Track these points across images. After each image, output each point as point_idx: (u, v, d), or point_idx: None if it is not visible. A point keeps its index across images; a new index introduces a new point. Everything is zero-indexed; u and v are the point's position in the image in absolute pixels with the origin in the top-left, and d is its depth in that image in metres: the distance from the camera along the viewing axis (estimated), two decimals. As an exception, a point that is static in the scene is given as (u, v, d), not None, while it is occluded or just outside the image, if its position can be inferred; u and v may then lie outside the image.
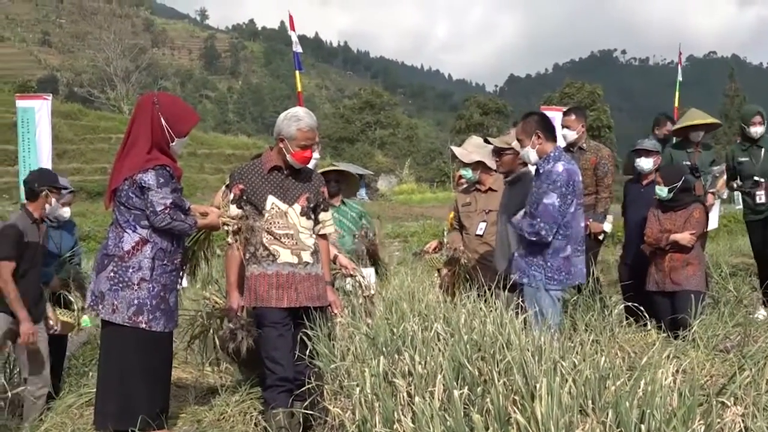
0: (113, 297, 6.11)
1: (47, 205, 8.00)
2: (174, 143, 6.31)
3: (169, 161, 6.23)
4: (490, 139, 8.36)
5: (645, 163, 9.75)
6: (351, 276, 7.55)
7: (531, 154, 7.11)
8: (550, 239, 6.93)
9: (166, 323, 6.23)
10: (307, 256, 6.47)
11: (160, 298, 6.19)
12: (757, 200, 10.15)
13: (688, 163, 10.58)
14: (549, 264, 7.00)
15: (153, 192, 6.04)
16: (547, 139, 7.12)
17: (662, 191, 8.99)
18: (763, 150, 10.04)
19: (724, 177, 10.74)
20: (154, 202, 6.03)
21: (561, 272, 7.02)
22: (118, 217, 6.18)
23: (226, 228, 6.43)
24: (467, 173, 8.54)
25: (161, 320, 6.19)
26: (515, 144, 7.71)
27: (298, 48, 17.78)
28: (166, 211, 6.03)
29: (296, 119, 6.48)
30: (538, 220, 6.88)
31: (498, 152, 8.08)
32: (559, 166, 6.98)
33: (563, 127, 10.37)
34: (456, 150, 8.61)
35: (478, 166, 8.48)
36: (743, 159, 10.24)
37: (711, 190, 10.67)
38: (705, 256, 9.18)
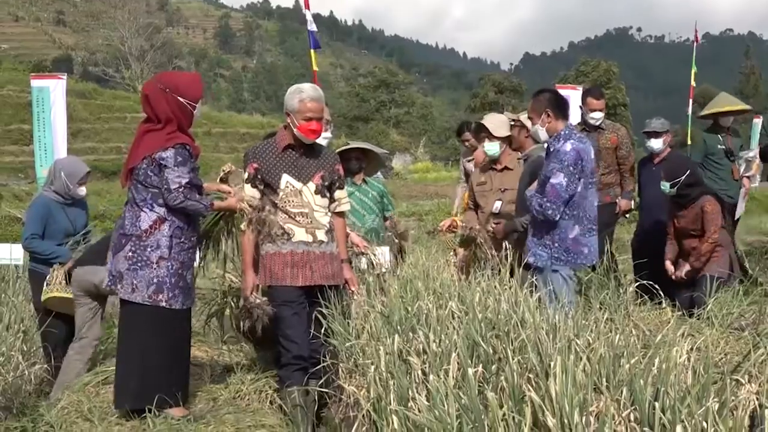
0: (132, 276, 6.14)
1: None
2: (196, 111, 6.35)
3: (189, 140, 6.25)
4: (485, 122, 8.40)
5: (655, 144, 9.75)
6: (363, 254, 7.54)
7: (541, 132, 7.08)
8: (557, 218, 6.92)
9: (184, 300, 6.27)
10: (321, 235, 6.47)
11: (179, 275, 6.22)
12: None
13: (723, 147, 10.51)
14: (556, 244, 7.01)
15: (170, 170, 6.06)
16: (557, 117, 7.07)
17: (665, 186, 8.95)
18: None
19: (758, 161, 10.65)
20: (170, 179, 6.04)
21: (569, 252, 7.00)
22: (135, 195, 6.19)
23: (243, 214, 6.41)
24: (492, 149, 8.46)
25: (180, 297, 6.22)
26: (524, 119, 7.71)
27: (312, 26, 17.76)
28: (180, 190, 6.03)
29: (299, 91, 6.49)
30: (545, 199, 6.88)
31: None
32: (568, 145, 6.95)
33: (594, 110, 10.37)
34: (488, 124, 8.50)
35: (504, 142, 8.44)
36: None
37: (746, 174, 10.59)
38: (729, 241, 9.07)
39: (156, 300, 6.15)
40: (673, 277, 9.02)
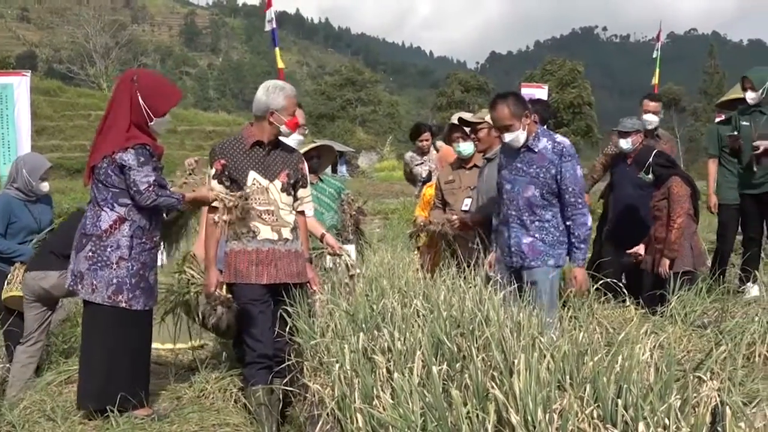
0: (92, 276, 6.13)
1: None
2: (152, 123, 6.29)
3: (149, 140, 6.21)
4: (463, 115, 8.34)
5: (625, 144, 9.77)
6: (338, 255, 7.51)
7: (520, 136, 6.93)
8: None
9: (146, 301, 6.26)
10: (286, 233, 6.47)
11: (140, 276, 6.20)
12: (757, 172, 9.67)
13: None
14: (563, 245, 7.00)
15: (134, 171, 6.03)
16: (531, 116, 7.08)
17: (642, 175, 9.02)
18: (765, 117, 9.68)
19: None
20: (137, 181, 6.02)
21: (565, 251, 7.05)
22: (96, 195, 6.17)
23: (220, 204, 6.32)
24: (466, 149, 8.45)
25: (141, 298, 6.21)
26: (489, 118, 7.68)
27: (272, 26, 17.81)
28: (151, 189, 6.02)
29: (280, 89, 6.51)
30: (581, 201, 6.89)
31: (473, 129, 8.07)
32: (559, 139, 7.03)
33: (647, 112, 10.41)
34: (465, 116, 8.42)
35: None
36: (744, 123, 9.93)
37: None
38: (694, 233, 9.05)
39: (116, 301, 6.14)
40: (640, 260, 9.07)
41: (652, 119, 10.38)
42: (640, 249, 9.15)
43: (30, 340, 7.79)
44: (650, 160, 8.92)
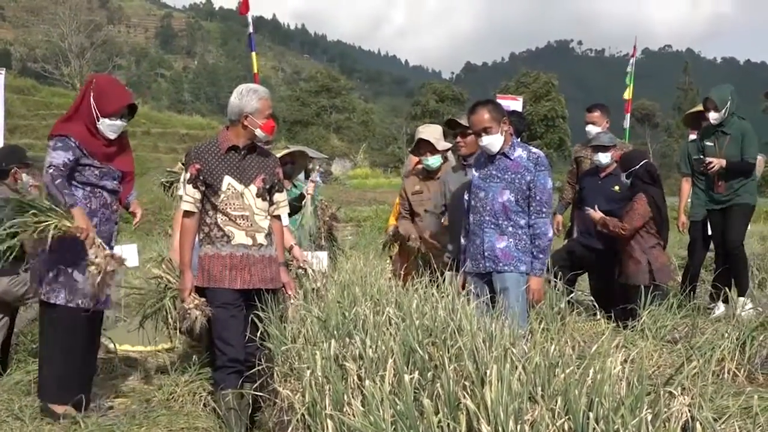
0: (30, 269, 6.43)
1: (19, 181, 7.98)
2: (99, 122, 6.34)
3: (78, 131, 6.26)
4: (457, 119, 8.34)
5: (603, 158, 9.76)
6: (302, 269, 7.45)
7: (498, 141, 7.01)
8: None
9: (68, 297, 6.25)
10: (261, 238, 6.44)
11: (58, 270, 6.22)
12: (716, 189, 9.76)
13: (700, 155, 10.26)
14: (531, 251, 7.04)
15: (48, 154, 6.14)
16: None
17: (622, 178, 9.11)
18: (728, 137, 9.73)
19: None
20: (45, 162, 6.13)
21: (546, 254, 7.11)
22: None
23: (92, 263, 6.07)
24: (435, 162, 8.46)
25: (60, 293, 6.23)
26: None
27: (250, 29, 17.85)
28: (49, 170, 6.05)
29: (254, 91, 6.48)
30: (545, 210, 6.98)
31: (463, 133, 8.07)
32: (534, 150, 7.14)
33: (587, 123, 10.47)
34: (431, 139, 8.46)
35: (444, 153, 8.49)
36: (708, 143, 9.95)
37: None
38: (652, 248, 9.08)
39: (38, 292, 6.28)
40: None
41: (591, 130, 10.42)
42: (595, 213, 9.23)
43: None
44: (637, 167, 8.99)
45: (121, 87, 6.81)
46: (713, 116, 9.59)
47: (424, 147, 8.50)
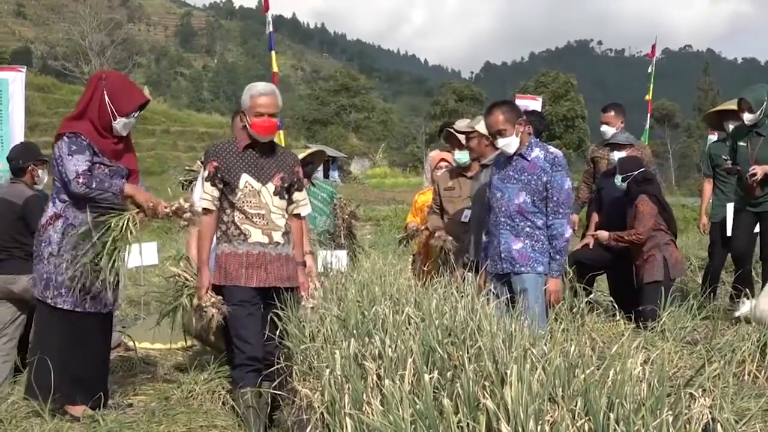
0: (35, 270, 6.30)
1: (36, 177, 7.98)
2: (116, 122, 6.31)
3: (87, 129, 6.23)
4: (456, 125, 8.34)
5: (618, 156, 9.73)
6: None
7: (513, 142, 7.01)
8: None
9: (75, 302, 6.22)
10: (278, 237, 6.43)
11: (67, 274, 6.16)
12: (750, 192, 9.54)
13: (728, 159, 10.11)
14: (548, 251, 7.04)
15: (65, 159, 6.05)
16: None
17: (617, 180, 9.09)
18: (762, 138, 9.57)
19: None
20: (68, 170, 6.04)
21: (563, 255, 7.12)
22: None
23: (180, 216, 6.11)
24: (463, 157, 8.42)
25: (69, 298, 6.19)
26: (480, 127, 7.68)
27: (270, 28, 17.88)
28: (80, 180, 5.99)
29: (249, 88, 6.49)
30: (562, 210, 6.95)
31: (466, 138, 8.06)
32: (552, 149, 7.11)
33: (602, 123, 10.45)
34: (459, 128, 8.40)
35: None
36: (741, 144, 9.81)
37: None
38: (666, 244, 9.03)
39: (44, 296, 6.22)
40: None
41: (606, 130, 10.40)
42: (602, 234, 9.21)
43: (3, 337, 7.73)
44: (635, 173, 8.98)
45: (133, 84, 6.80)
46: (748, 117, 9.42)
47: (453, 140, 8.48)
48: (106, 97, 6.25)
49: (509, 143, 7.01)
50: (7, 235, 7.62)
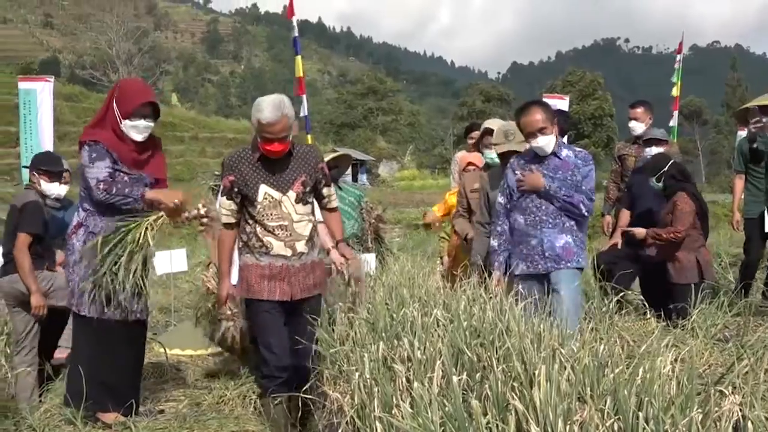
0: (67, 278, 6.40)
1: (38, 186, 7.98)
2: (122, 125, 6.29)
3: (105, 136, 6.24)
4: (492, 130, 8.31)
5: (656, 152, 9.65)
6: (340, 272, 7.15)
7: (552, 141, 6.93)
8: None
9: (98, 309, 6.20)
10: (301, 246, 6.21)
11: (88, 281, 6.16)
12: None
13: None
14: (584, 245, 7.06)
15: (87, 168, 6.12)
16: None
17: (652, 182, 9.01)
18: None
19: None
20: (89, 178, 6.10)
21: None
22: None
23: (199, 217, 6.13)
24: (494, 157, 8.38)
25: (92, 305, 6.19)
26: (516, 146, 7.60)
27: (295, 33, 17.94)
28: (101, 186, 6.02)
29: (257, 110, 6.07)
30: (585, 198, 6.91)
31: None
32: (578, 148, 7.16)
33: (630, 119, 10.41)
34: (494, 127, 8.36)
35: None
36: None
37: None
38: (699, 246, 8.96)
39: (72, 303, 6.32)
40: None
41: (635, 126, 10.35)
42: (639, 231, 9.13)
43: (23, 350, 7.67)
44: (665, 169, 8.89)
45: (141, 86, 6.74)
46: None
47: (484, 140, 8.44)
48: (114, 103, 6.29)
49: (549, 142, 6.91)
50: (14, 237, 7.64)
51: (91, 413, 6.23)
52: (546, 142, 6.90)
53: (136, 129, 6.34)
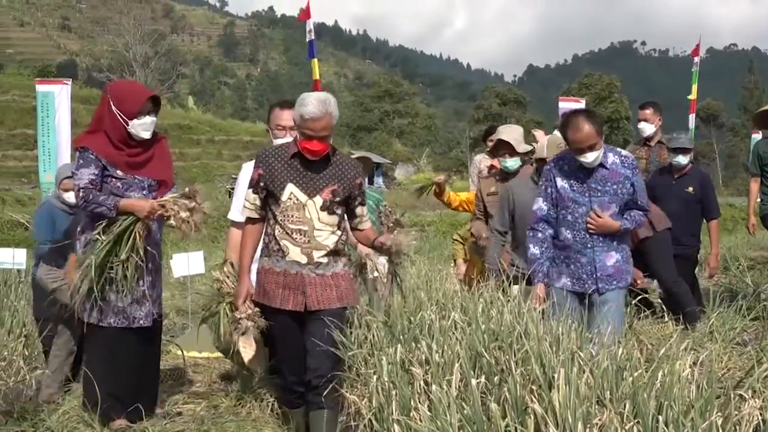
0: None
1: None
2: (131, 126, 6.25)
3: (97, 143, 6.23)
4: (504, 135, 8.31)
5: (683, 160, 9.62)
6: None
7: (600, 154, 6.50)
8: None
9: (100, 316, 6.19)
10: (319, 256, 5.79)
11: (89, 289, 6.11)
12: None
13: None
14: (630, 259, 6.81)
15: (75, 174, 6.16)
16: None
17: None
18: None
19: None
20: (74, 184, 6.15)
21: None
22: None
23: (168, 212, 6.13)
24: (514, 164, 8.36)
25: (93, 312, 6.18)
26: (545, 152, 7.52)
27: (311, 36, 17.96)
28: (80, 194, 6.02)
29: (301, 104, 5.68)
30: (643, 214, 6.80)
31: (510, 152, 8.05)
32: (622, 152, 6.72)
33: (640, 120, 10.40)
34: (510, 140, 8.33)
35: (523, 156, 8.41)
36: None
37: None
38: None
39: (74, 308, 6.26)
40: None
41: (644, 127, 10.34)
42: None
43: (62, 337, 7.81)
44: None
45: (136, 85, 6.90)
46: None
47: (503, 148, 8.42)
48: (113, 106, 6.23)
49: (598, 156, 6.49)
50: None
51: (106, 418, 6.26)
52: (595, 157, 6.46)
53: (144, 126, 6.31)
